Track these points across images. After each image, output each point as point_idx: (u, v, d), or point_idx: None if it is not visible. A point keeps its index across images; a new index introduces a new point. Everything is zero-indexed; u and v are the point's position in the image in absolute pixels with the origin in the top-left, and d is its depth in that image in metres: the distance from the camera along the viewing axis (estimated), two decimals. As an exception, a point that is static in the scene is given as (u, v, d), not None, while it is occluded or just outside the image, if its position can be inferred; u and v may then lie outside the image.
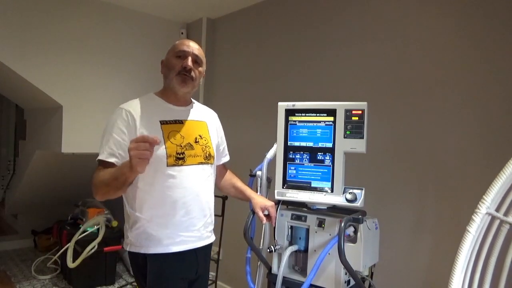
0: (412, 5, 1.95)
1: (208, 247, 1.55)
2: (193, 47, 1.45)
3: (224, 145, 1.69)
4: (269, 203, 1.57)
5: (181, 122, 1.46)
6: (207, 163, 1.50)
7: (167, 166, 1.37)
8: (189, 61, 1.41)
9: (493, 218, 1.13)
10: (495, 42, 1.66)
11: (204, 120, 1.56)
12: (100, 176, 1.30)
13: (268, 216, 1.56)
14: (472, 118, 1.72)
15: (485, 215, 1.12)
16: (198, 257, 1.49)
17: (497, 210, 1.13)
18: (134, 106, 1.41)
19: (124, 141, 1.35)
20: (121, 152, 1.34)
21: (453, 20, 1.80)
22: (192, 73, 1.42)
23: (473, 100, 1.72)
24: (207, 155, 1.49)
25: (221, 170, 1.69)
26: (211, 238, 1.55)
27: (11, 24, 2.56)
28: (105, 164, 1.34)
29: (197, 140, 1.47)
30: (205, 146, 1.50)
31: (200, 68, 1.47)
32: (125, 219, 1.46)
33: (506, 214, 1.12)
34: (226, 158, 1.71)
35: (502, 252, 1.12)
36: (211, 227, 1.54)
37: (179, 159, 1.40)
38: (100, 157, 1.35)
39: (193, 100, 1.58)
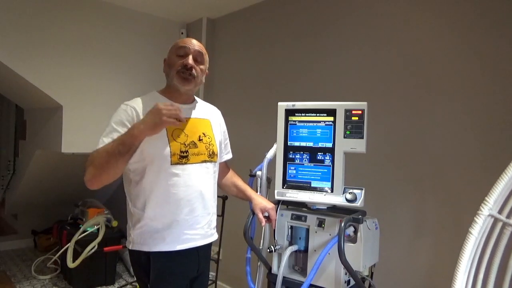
0: (412, 6, 1.95)
1: (209, 245, 1.55)
2: (194, 44, 1.45)
3: (226, 141, 1.69)
4: (270, 205, 1.56)
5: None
6: (211, 161, 1.50)
7: (171, 164, 1.37)
8: (190, 60, 1.41)
9: (496, 220, 1.13)
10: (495, 44, 1.66)
11: (207, 117, 1.56)
12: (100, 148, 1.31)
13: (268, 218, 1.56)
14: (473, 117, 1.72)
15: (487, 217, 1.11)
16: (200, 255, 1.49)
17: (500, 212, 1.12)
18: (138, 103, 1.41)
19: None
20: None
21: (453, 21, 1.80)
22: (193, 71, 1.42)
23: (475, 100, 1.72)
24: (210, 153, 1.49)
25: (223, 168, 1.68)
26: (214, 236, 1.55)
27: (11, 25, 2.56)
28: None
29: (200, 138, 1.47)
30: (209, 144, 1.49)
31: (201, 66, 1.46)
32: (128, 217, 1.46)
33: (508, 216, 1.11)
34: (228, 156, 1.71)
35: (505, 255, 1.11)
36: (214, 224, 1.55)
37: (183, 157, 1.40)
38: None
39: (195, 97, 1.58)
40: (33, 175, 3.54)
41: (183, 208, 1.40)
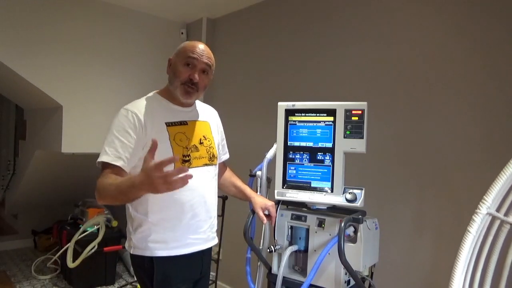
0: (413, 4, 1.95)
1: (211, 248, 1.55)
2: (203, 55, 1.39)
3: (224, 142, 1.68)
4: (270, 203, 1.57)
5: (186, 124, 1.45)
6: (211, 164, 1.49)
7: (174, 169, 1.35)
8: (197, 74, 1.37)
9: (494, 218, 1.13)
10: (496, 43, 1.66)
11: (207, 120, 1.55)
12: (106, 186, 1.22)
13: (268, 216, 1.56)
14: (473, 117, 1.72)
15: (485, 215, 1.12)
16: (203, 258, 1.49)
17: (498, 210, 1.13)
18: (139, 107, 1.37)
19: (131, 143, 1.31)
20: (127, 155, 1.30)
21: (454, 21, 1.80)
22: (198, 85, 1.39)
23: (474, 100, 1.72)
24: (211, 156, 1.49)
25: (221, 168, 1.67)
26: (215, 240, 1.54)
27: (11, 24, 2.56)
28: (110, 167, 1.29)
29: (201, 141, 1.47)
30: (209, 147, 1.49)
31: (207, 78, 1.43)
32: (128, 221, 1.44)
33: (506, 214, 1.12)
34: (226, 156, 1.70)
35: (502, 252, 1.12)
36: (216, 228, 1.54)
37: (185, 161, 1.38)
38: (104, 159, 1.28)
39: None
40: (33, 175, 3.54)
41: (186, 212, 1.39)
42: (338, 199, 1.47)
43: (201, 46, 1.41)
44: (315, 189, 1.53)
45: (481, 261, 1.14)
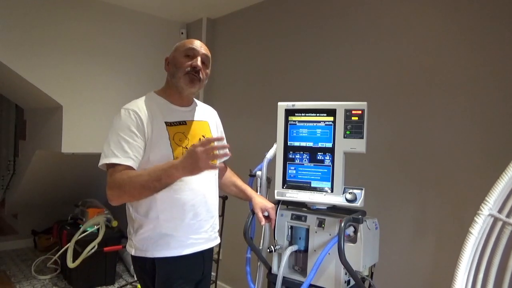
0: (413, 5, 1.95)
1: (212, 248, 1.55)
2: (201, 46, 1.44)
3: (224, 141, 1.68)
4: (270, 205, 1.56)
5: (185, 123, 1.44)
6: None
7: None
8: (199, 61, 1.39)
9: (496, 220, 1.13)
10: (497, 43, 1.66)
11: (206, 119, 1.55)
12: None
13: (267, 218, 1.56)
14: (474, 118, 1.72)
15: (487, 216, 1.11)
16: (205, 258, 1.49)
17: (500, 211, 1.13)
18: (138, 106, 1.37)
19: (138, 143, 1.31)
20: (136, 154, 1.31)
21: (454, 21, 1.80)
22: (200, 74, 1.40)
23: (475, 100, 1.72)
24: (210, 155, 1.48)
25: (221, 168, 1.67)
26: (218, 240, 1.54)
27: (11, 24, 2.56)
28: (121, 168, 1.28)
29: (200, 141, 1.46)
30: None
31: (207, 70, 1.45)
32: (129, 222, 1.43)
33: (508, 215, 1.12)
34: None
35: (505, 254, 1.11)
36: (217, 227, 1.54)
37: None
38: (114, 161, 1.28)
39: (194, 99, 1.57)
40: (33, 175, 3.54)
41: (187, 212, 1.38)
42: (338, 199, 1.47)
43: (198, 41, 1.46)
44: (315, 189, 1.52)
45: (483, 262, 1.14)
